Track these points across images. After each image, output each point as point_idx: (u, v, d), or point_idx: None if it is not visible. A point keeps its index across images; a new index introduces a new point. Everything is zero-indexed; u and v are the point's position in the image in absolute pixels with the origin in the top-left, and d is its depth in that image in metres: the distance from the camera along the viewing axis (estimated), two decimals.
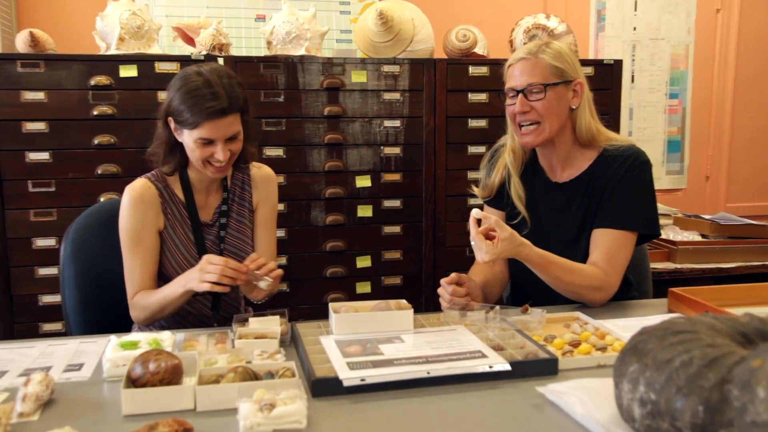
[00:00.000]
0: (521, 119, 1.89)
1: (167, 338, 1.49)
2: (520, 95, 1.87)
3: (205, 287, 1.69)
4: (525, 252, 1.72)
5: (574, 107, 1.92)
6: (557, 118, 1.90)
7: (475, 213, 1.68)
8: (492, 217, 1.68)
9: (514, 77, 1.89)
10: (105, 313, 2.11)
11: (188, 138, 1.81)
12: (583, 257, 1.88)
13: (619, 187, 1.87)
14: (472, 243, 1.69)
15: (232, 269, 1.69)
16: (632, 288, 2.07)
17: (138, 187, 1.90)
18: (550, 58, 1.88)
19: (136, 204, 1.88)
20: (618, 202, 1.87)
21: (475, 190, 2.13)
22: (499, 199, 2.06)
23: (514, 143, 2.01)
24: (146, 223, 1.89)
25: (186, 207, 1.94)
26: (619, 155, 1.90)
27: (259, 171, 2.10)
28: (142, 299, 1.86)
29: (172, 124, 1.85)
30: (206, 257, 1.72)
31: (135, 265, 1.88)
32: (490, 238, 1.69)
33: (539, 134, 1.89)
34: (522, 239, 1.71)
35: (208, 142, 1.80)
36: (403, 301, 1.68)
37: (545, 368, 1.38)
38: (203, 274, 1.69)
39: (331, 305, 1.64)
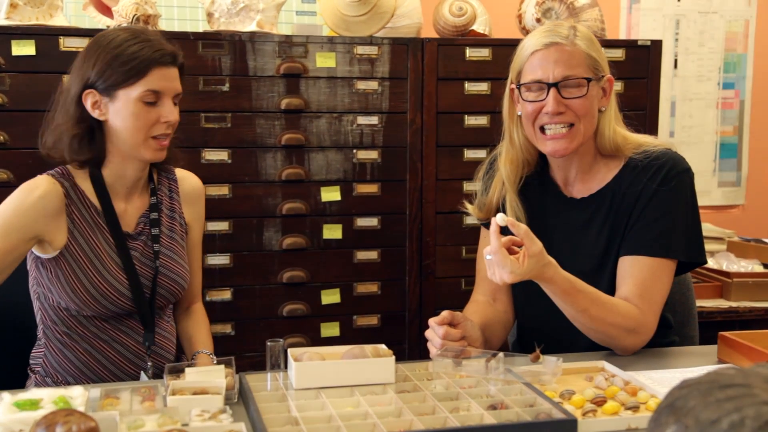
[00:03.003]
0: (551, 121, 1.92)
1: (79, 395, 1.51)
2: (553, 90, 1.91)
3: None
4: (550, 273, 1.77)
5: (603, 109, 1.98)
6: (593, 121, 1.96)
7: (500, 219, 1.71)
8: (522, 225, 1.73)
9: (543, 67, 1.92)
10: None
11: (126, 102, 1.88)
12: (606, 292, 1.93)
13: (652, 204, 1.93)
14: (488, 257, 1.72)
15: None
16: (672, 331, 2.13)
17: (38, 184, 1.93)
18: (585, 46, 1.94)
19: (28, 197, 1.90)
20: (651, 222, 1.93)
21: (469, 207, 2.17)
22: None
23: (514, 152, 2.05)
24: (28, 219, 1.89)
25: (102, 213, 1.98)
26: (651, 164, 1.95)
27: (188, 180, 2.17)
28: None
29: (91, 99, 1.91)
30: None
31: None
32: (512, 253, 1.73)
33: (572, 140, 1.94)
34: (549, 257, 1.76)
35: (153, 101, 1.89)
36: (382, 347, 1.72)
37: None
38: None
39: (290, 351, 1.67)
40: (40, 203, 1.91)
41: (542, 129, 1.95)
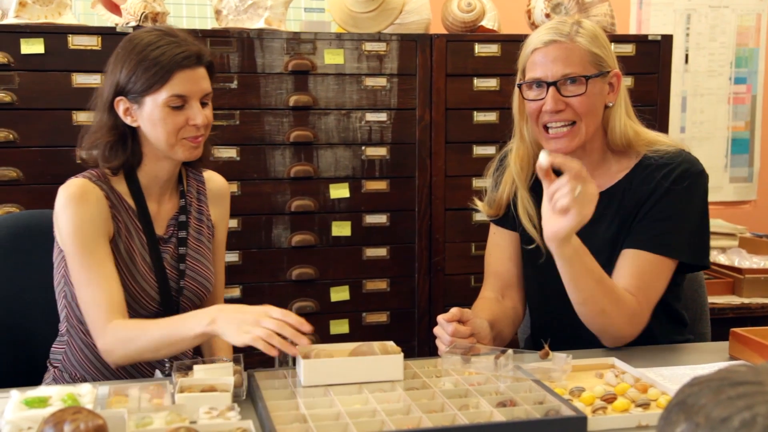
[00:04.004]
0: (552, 119, 1.92)
1: (87, 392, 1.51)
2: (552, 89, 1.90)
3: (247, 340, 1.64)
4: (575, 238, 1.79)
5: (610, 104, 1.97)
6: (595, 119, 1.95)
7: (543, 160, 1.73)
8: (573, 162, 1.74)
9: (542, 65, 1.92)
10: (4, 362, 2.12)
11: (152, 108, 1.87)
12: None
13: (663, 202, 1.92)
14: (577, 192, 1.71)
15: (294, 326, 1.65)
16: (687, 329, 2.11)
17: (78, 186, 1.91)
18: (587, 43, 1.92)
19: (79, 202, 1.89)
20: (659, 220, 1.92)
21: (479, 204, 2.17)
22: (510, 218, 2.11)
23: (524, 148, 2.05)
24: (98, 224, 1.89)
25: (138, 216, 1.98)
26: (666, 164, 1.95)
27: (215, 180, 2.16)
28: (126, 328, 1.81)
29: (123, 106, 1.91)
30: (266, 308, 1.69)
31: (98, 279, 1.85)
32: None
33: (573, 138, 1.93)
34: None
35: (180, 105, 1.88)
36: (390, 344, 1.72)
37: (571, 429, 1.42)
38: (253, 326, 1.64)
39: (298, 348, 1.67)
40: (95, 203, 1.90)
41: (546, 128, 1.95)
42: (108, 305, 1.84)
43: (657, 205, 1.92)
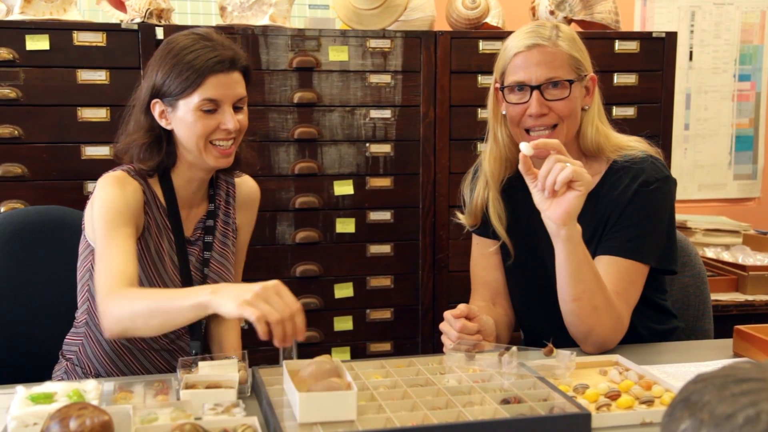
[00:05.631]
0: (535, 123, 1.93)
1: (93, 388, 1.51)
2: (536, 93, 1.91)
3: (247, 314, 1.51)
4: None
5: (586, 108, 1.99)
6: (575, 122, 1.97)
7: (524, 148, 1.73)
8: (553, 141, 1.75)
9: (525, 69, 1.92)
10: (10, 356, 2.13)
11: (185, 111, 1.88)
12: None
13: (631, 208, 1.92)
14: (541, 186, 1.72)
15: (297, 323, 1.55)
16: (676, 318, 2.11)
17: (117, 176, 1.93)
18: (568, 47, 1.94)
19: (118, 186, 1.90)
20: (629, 225, 1.92)
21: (461, 217, 2.18)
22: (488, 225, 2.11)
23: (497, 150, 2.05)
24: (130, 208, 1.89)
25: (169, 217, 1.98)
26: (631, 168, 1.95)
27: (245, 185, 2.17)
28: (129, 290, 1.74)
29: (158, 108, 1.92)
30: (277, 284, 1.59)
31: (118, 249, 1.82)
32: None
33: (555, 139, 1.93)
34: None
35: (212, 109, 1.89)
36: (326, 357, 1.64)
37: (575, 426, 1.42)
38: (257, 300, 1.53)
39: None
40: (134, 195, 1.91)
41: (527, 131, 1.95)
42: (121, 274, 1.77)
43: (625, 211, 1.92)
